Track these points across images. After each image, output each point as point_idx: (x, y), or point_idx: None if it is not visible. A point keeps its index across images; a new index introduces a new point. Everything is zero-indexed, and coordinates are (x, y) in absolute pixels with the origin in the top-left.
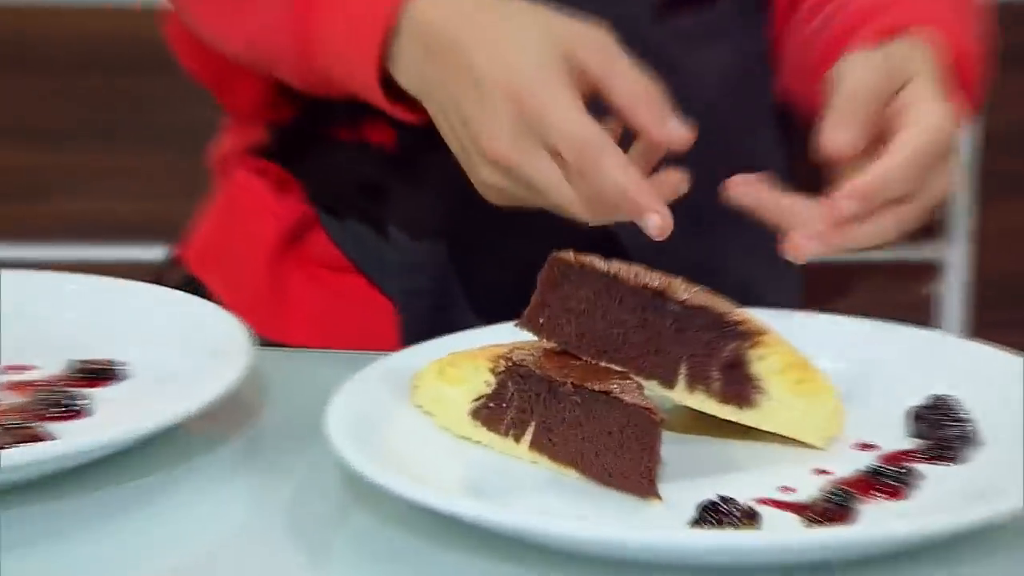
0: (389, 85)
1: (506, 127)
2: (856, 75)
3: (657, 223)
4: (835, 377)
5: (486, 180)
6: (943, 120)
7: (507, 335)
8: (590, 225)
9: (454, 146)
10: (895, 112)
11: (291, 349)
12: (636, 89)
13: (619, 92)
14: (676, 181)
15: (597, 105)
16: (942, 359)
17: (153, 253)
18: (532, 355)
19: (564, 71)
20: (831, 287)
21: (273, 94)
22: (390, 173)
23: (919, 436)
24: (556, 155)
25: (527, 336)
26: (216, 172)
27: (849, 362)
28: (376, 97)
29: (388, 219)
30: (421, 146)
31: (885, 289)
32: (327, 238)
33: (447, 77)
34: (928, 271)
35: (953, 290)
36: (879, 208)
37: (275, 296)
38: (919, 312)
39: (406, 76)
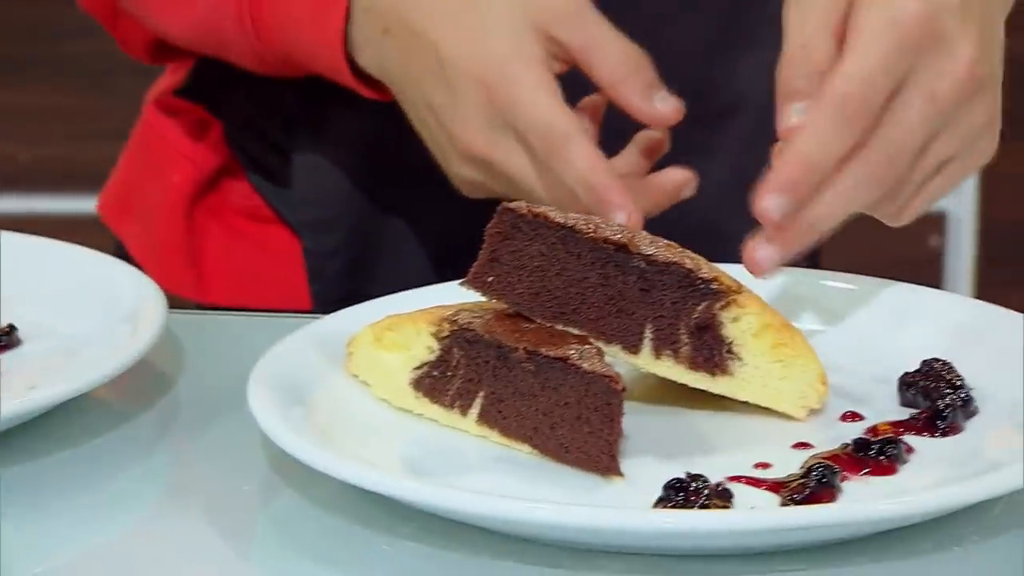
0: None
1: (479, 117)
2: (794, 35)
3: (622, 221)
4: (818, 340)
5: (462, 175)
6: (885, 15)
7: (453, 295)
8: None
9: (424, 136)
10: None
11: (211, 311)
12: (619, 63)
13: (601, 67)
14: (680, 181)
15: (580, 82)
16: (937, 320)
17: (77, 204)
18: (480, 318)
19: (538, 49)
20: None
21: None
22: (297, 127)
23: (909, 405)
24: (526, 144)
25: (474, 296)
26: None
27: (834, 323)
28: (345, 78)
29: (295, 174)
30: (329, 99)
31: (886, 242)
32: (248, 186)
33: (410, 62)
34: (934, 222)
35: (961, 241)
36: (839, 168)
37: (191, 249)
38: (926, 266)
39: (366, 58)
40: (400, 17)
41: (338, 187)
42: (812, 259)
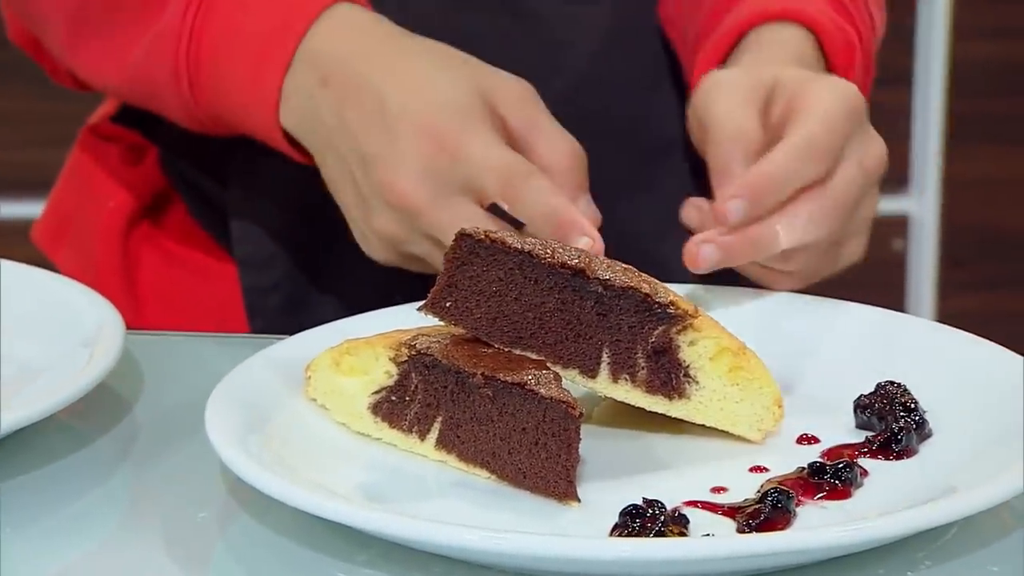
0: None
1: (417, 165)
2: (727, 122)
3: (587, 244)
4: (774, 363)
5: (381, 228)
6: (836, 91)
7: (412, 319)
8: None
9: (344, 191)
10: (787, 112)
11: (170, 333)
12: (559, 154)
13: (540, 154)
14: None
15: None
16: (893, 342)
17: (25, 210)
18: (438, 342)
19: (485, 114)
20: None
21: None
22: (232, 159)
23: (865, 428)
24: (468, 193)
25: (433, 321)
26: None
27: (790, 346)
28: (275, 136)
29: (232, 211)
30: (261, 154)
31: None
32: (185, 211)
33: (346, 111)
34: (898, 226)
35: (923, 244)
36: (787, 201)
37: (127, 275)
38: (891, 269)
39: (290, 110)
40: (343, 67)
41: (275, 225)
42: None
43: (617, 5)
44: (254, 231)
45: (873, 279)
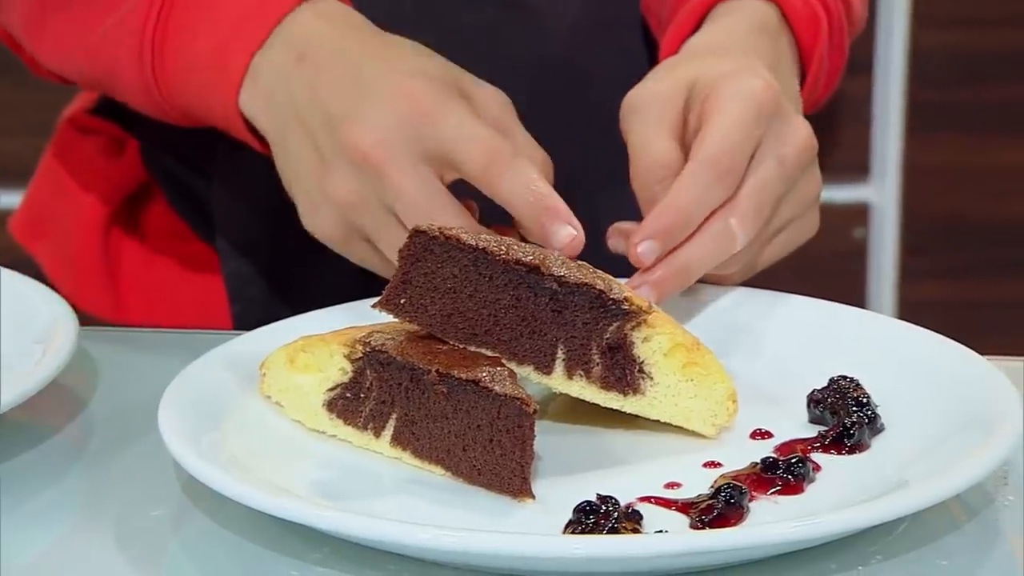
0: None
1: (388, 122)
2: (642, 153)
3: (570, 234)
4: (728, 358)
5: (337, 191)
6: (741, 95)
7: (367, 315)
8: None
9: (301, 161)
10: (699, 121)
11: (125, 329)
12: (531, 160)
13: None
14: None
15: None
16: (846, 336)
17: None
18: (393, 339)
19: (463, 98)
20: None
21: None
22: (215, 147)
23: (818, 422)
24: (443, 166)
25: (389, 317)
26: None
27: (744, 341)
28: (232, 120)
29: (214, 196)
30: (244, 155)
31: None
32: (166, 204)
33: (320, 81)
34: (859, 214)
35: (885, 233)
36: (706, 220)
37: (108, 269)
38: (852, 257)
39: (260, 92)
40: (322, 43)
41: (258, 210)
42: None
43: None
44: (236, 220)
45: (834, 267)
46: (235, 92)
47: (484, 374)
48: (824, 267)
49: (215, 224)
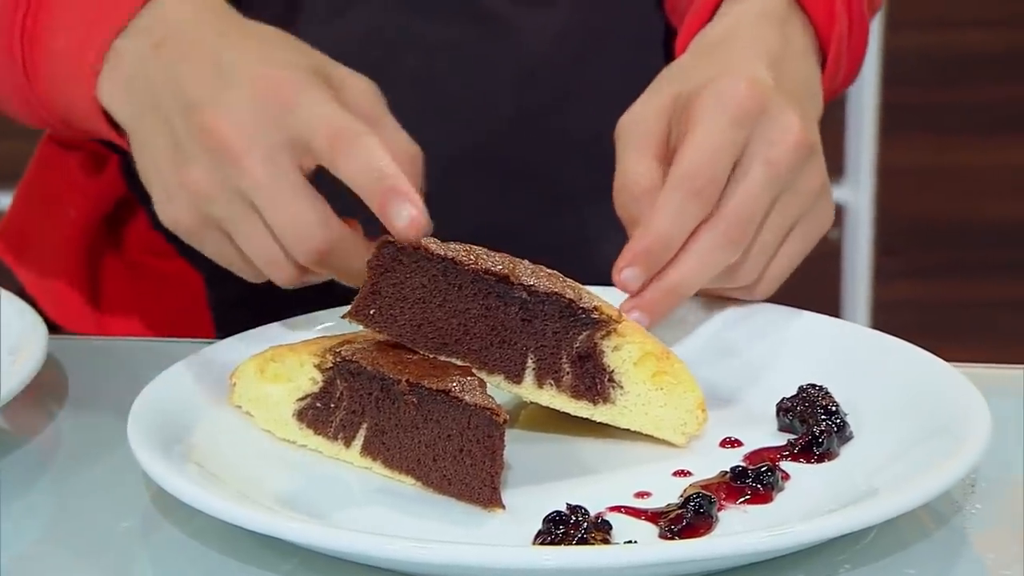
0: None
1: (245, 109)
2: (626, 178)
3: (412, 215)
4: (698, 367)
5: (192, 180)
6: (719, 101)
7: (338, 325)
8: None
9: (155, 148)
10: (680, 135)
11: (96, 338)
12: (398, 151)
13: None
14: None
15: None
16: (815, 345)
17: None
18: (363, 349)
19: (325, 84)
20: None
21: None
22: None
23: (787, 431)
24: (300, 152)
25: (358, 328)
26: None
27: (714, 350)
28: (91, 111)
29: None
30: None
31: None
32: (148, 220)
33: (179, 67)
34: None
35: (859, 233)
36: (692, 236)
37: (91, 285)
38: (826, 258)
39: (119, 77)
40: (180, 31)
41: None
42: None
43: (575, 8)
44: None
45: (808, 268)
46: (93, 82)
47: (454, 384)
48: (798, 267)
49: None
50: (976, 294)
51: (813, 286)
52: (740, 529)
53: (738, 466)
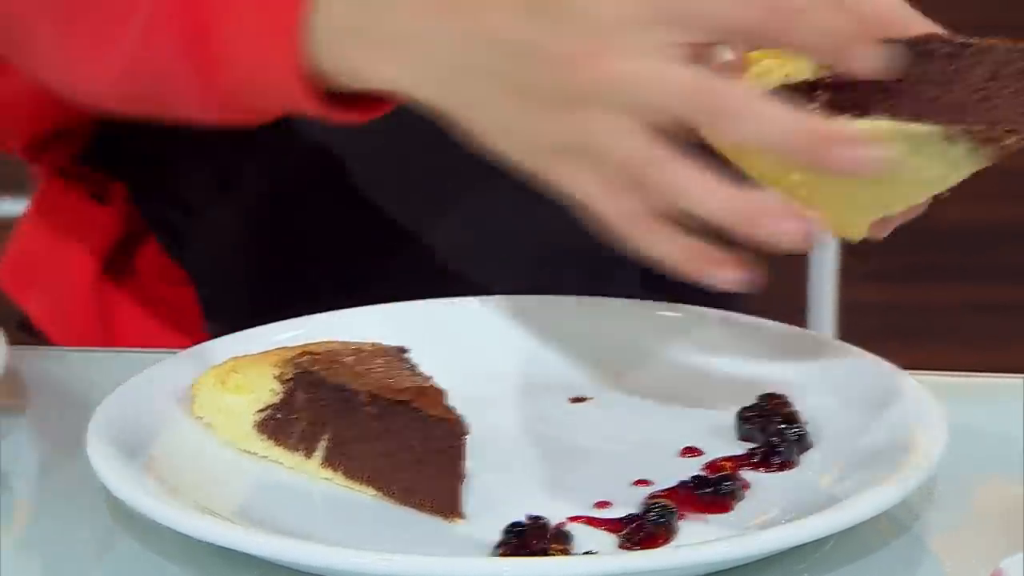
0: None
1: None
2: None
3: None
4: (658, 374)
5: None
6: None
7: (298, 336)
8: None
9: (488, 86)
10: None
11: (56, 348)
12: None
13: None
14: None
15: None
16: (776, 352)
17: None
18: (324, 359)
19: None
20: None
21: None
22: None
23: (747, 439)
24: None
25: (320, 336)
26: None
27: (674, 356)
28: (298, 95)
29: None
30: (216, 196)
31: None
32: (158, 247)
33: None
34: None
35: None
36: None
37: (102, 317)
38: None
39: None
40: None
41: (235, 269)
42: None
43: None
44: (213, 280)
45: (773, 269)
46: (295, 47)
47: (415, 395)
48: (764, 270)
49: (196, 285)
50: (941, 297)
51: (778, 288)
52: (700, 538)
53: (697, 475)
